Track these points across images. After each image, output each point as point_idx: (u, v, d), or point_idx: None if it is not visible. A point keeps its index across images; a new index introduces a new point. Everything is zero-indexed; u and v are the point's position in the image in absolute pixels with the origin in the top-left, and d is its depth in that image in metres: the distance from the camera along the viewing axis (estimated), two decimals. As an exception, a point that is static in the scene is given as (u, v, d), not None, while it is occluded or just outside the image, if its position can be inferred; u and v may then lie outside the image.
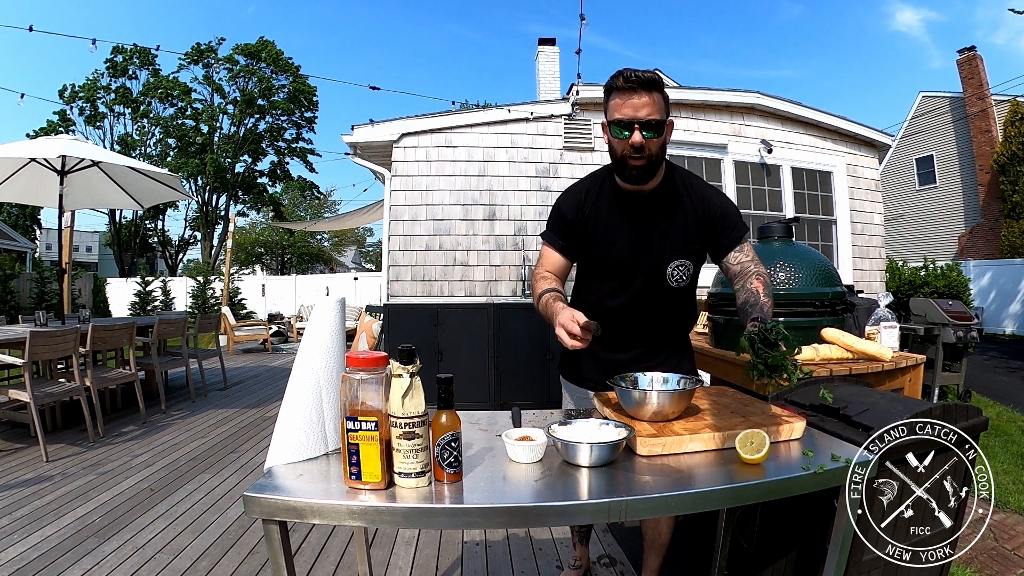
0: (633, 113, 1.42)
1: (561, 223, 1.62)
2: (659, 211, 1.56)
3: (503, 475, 1.09)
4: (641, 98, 1.42)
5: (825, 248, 6.18)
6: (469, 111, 5.92)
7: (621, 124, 1.44)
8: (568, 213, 1.60)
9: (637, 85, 1.41)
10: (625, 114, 1.43)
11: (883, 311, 2.25)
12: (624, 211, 1.57)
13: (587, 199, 1.60)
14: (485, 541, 2.53)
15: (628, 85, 1.41)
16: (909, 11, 76.77)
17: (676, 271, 1.59)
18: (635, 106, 1.42)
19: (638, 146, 1.43)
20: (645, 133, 1.42)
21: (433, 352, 5.11)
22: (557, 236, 1.63)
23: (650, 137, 1.43)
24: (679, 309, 1.69)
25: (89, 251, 40.06)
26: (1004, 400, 5.29)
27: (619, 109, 1.44)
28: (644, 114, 1.42)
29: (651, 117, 1.42)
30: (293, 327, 11.76)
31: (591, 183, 1.63)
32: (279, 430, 1.15)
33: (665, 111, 1.46)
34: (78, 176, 5.25)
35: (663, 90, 1.46)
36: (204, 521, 2.72)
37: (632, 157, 1.45)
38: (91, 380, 4.11)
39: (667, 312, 1.66)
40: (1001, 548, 2.37)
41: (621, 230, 1.57)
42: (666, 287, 1.60)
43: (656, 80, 1.43)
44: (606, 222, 1.58)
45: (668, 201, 1.57)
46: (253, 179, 28.39)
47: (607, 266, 1.61)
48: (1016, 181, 14.07)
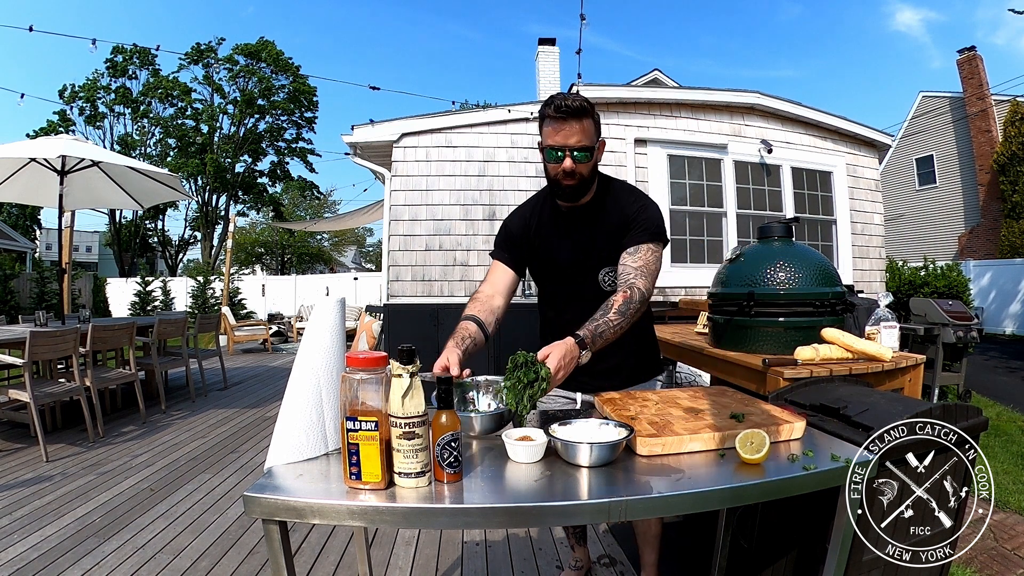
0: (564, 141, 1.51)
1: (508, 239, 1.74)
2: (591, 222, 1.67)
3: (503, 475, 1.09)
4: (572, 126, 1.50)
5: (825, 248, 6.18)
6: (469, 111, 5.92)
7: (554, 149, 1.53)
8: (515, 229, 1.74)
9: (568, 114, 1.49)
10: (557, 141, 1.52)
11: (883, 311, 2.24)
12: (562, 224, 1.69)
13: (532, 215, 1.73)
14: (485, 541, 2.53)
15: (559, 115, 1.49)
16: (909, 11, 76.79)
17: (608, 276, 1.68)
18: (566, 134, 1.51)
19: (569, 170, 1.54)
20: (576, 156, 1.52)
21: (433, 352, 5.08)
22: (504, 251, 1.74)
23: (580, 161, 1.53)
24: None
25: (89, 251, 40.07)
26: (1004, 400, 5.30)
27: (551, 136, 1.53)
28: (574, 141, 1.51)
29: (581, 144, 1.52)
30: (293, 327, 11.76)
31: (535, 202, 1.76)
32: (279, 430, 1.15)
33: (595, 135, 1.56)
34: (78, 176, 5.25)
35: (593, 115, 1.54)
36: (204, 521, 2.72)
37: (564, 179, 1.56)
38: (91, 380, 4.11)
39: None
40: (1001, 548, 2.37)
41: (561, 242, 1.70)
42: (600, 292, 1.68)
43: (585, 108, 1.51)
44: (548, 234, 1.71)
45: (598, 213, 1.67)
46: (253, 179, 28.40)
47: (551, 276, 1.75)
48: (1016, 181, 14.07)
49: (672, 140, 5.81)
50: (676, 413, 1.34)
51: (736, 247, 2.93)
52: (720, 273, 2.42)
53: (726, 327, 2.31)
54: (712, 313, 2.44)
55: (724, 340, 2.33)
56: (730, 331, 2.29)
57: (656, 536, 1.91)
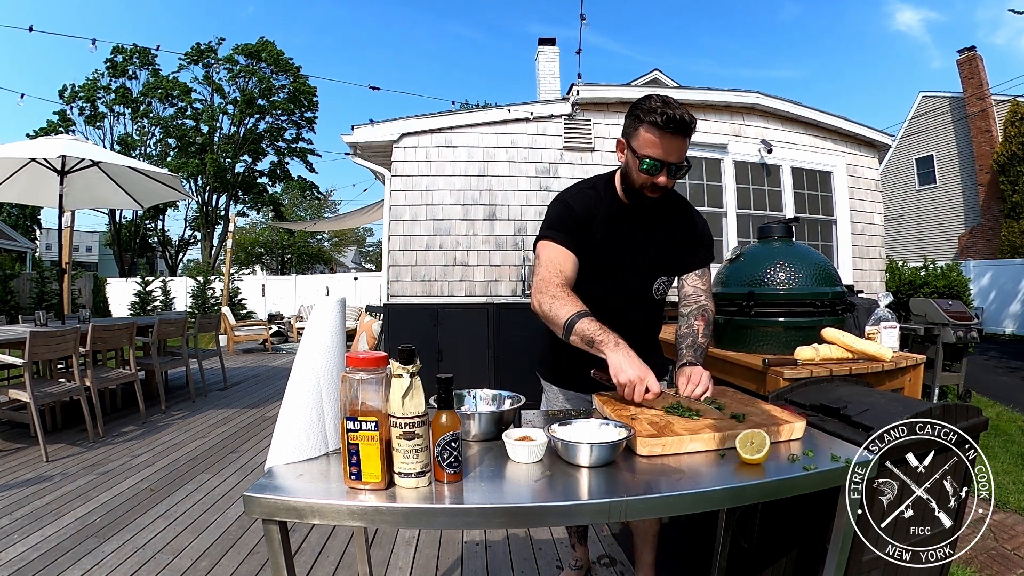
0: (665, 156, 1.44)
1: (571, 221, 1.56)
2: (659, 227, 1.63)
3: (503, 475, 1.09)
4: (678, 142, 1.43)
5: (825, 248, 6.18)
6: (469, 111, 5.92)
7: (653, 160, 1.45)
8: (580, 212, 1.57)
9: (679, 130, 1.41)
10: (658, 155, 1.44)
11: (883, 311, 2.24)
12: (629, 220, 1.61)
13: (597, 204, 1.60)
14: (485, 541, 2.53)
15: (671, 128, 1.40)
16: (909, 11, 76.78)
17: (661, 285, 1.68)
18: (669, 150, 1.43)
19: (662, 185, 1.48)
20: (670, 173, 1.47)
21: (433, 352, 5.11)
22: (566, 234, 1.55)
23: (673, 176, 1.49)
24: (655, 317, 1.77)
25: (89, 251, 40.07)
26: (1004, 400, 5.30)
27: (653, 147, 1.44)
28: (675, 158, 1.45)
29: (680, 161, 1.46)
30: (293, 327, 11.76)
31: (598, 191, 1.63)
32: (279, 430, 1.15)
33: (687, 148, 1.49)
34: (78, 176, 5.25)
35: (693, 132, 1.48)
36: (204, 521, 2.72)
37: (652, 191, 1.50)
38: (91, 380, 4.11)
39: (644, 322, 1.72)
40: (1001, 548, 2.37)
41: (624, 239, 1.61)
42: (651, 299, 1.68)
43: (693, 123, 1.44)
44: (611, 227, 1.60)
45: (668, 220, 1.64)
46: (253, 179, 28.40)
47: (601, 271, 1.61)
48: (1016, 181, 14.07)
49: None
50: (676, 413, 1.33)
51: (736, 247, 2.94)
52: (720, 273, 2.42)
53: (726, 327, 2.31)
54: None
55: (724, 340, 2.33)
56: (730, 331, 2.29)
57: (655, 535, 1.90)
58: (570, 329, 1.40)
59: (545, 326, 1.73)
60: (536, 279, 1.55)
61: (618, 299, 1.63)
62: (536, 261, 1.60)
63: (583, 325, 1.38)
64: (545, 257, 1.55)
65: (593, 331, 1.36)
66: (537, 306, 1.50)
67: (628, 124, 1.51)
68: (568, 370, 1.74)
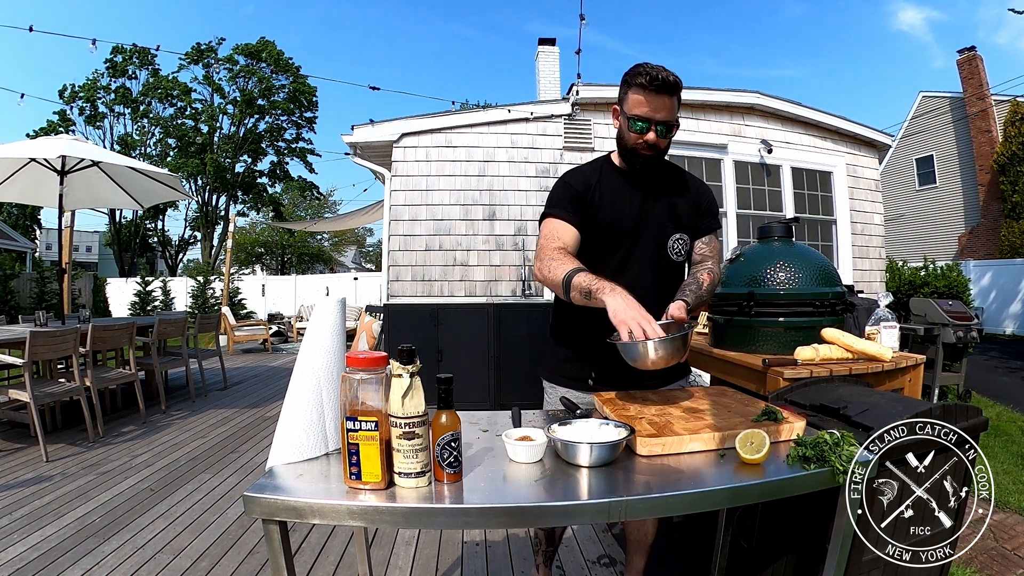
0: (653, 113, 1.50)
1: (570, 197, 1.60)
2: (662, 189, 1.66)
3: (503, 475, 1.09)
4: (663, 100, 1.49)
5: (825, 248, 6.18)
6: (469, 111, 5.92)
7: (641, 120, 1.51)
8: (577, 187, 1.61)
9: (662, 88, 1.48)
10: (646, 112, 1.50)
11: (883, 311, 2.24)
12: (630, 185, 1.64)
13: (592, 173, 1.65)
14: (485, 541, 2.53)
15: (654, 87, 1.47)
16: (912, 10, 76.68)
17: (676, 243, 1.66)
18: (656, 107, 1.50)
19: (652, 143, 1.53)
20: (659, 131, 1.52)
21: (433, 352, 5.11)
22: (567, 210, 1.59)
23: (662, 135, 1.53)
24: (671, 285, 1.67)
25: (89, 251, 40.07)
26: (1004, 400, 5.30)
27: (640, 106, 1.50)
28: (662, 116, 1.51)
29: (667, 119, 1.52)
30: (293, 327, 11.76)
31: (593, 166, 1.69)
32: (280, 430, 1.15)
33: (677, 110, 1.55)
34: (78, 176, 5.25)
35: (680, 93, 1.53)
36: (204, 521, 2.72)
37: (643, 149, 1.55)
38: (91, 380, 4.11)
39: (665, 287, 1.63)
40: (1001, 548, 2.37)
41: (628, 200, 1.63)
42: (667, 259, 1.66)
43: (678, 84, 1.51)
44: (613, 193, 1.63)
45: (669, 182, 1.68)
46: (253, 179, 28.39)
47: (613, 236, 1.62)
48: (1016, 181, 14.07)
49: (672, 140, 5.81)
50: (676, 413, 1.34)
51: (736, 247, 2.94)
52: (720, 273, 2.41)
53: (726, 327, 2.31)
54: (712, 313, 2.44)
55: (724, 340, 2.33)
56: (730, 331, 2.29)
57: (650, 545, 1.87)
58: (568, 285, 1.41)
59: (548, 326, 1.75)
60: (536, 252, 1.60)
61: (637, 262, 1.63)
62: (538, 238, 1.65)
63: (580, 279, 1.39)
64: (545, 231, 1.61)
65: (589, 281, 1.37)
66: (538, 273, 1.55)
67: (620, 91, 1.57)
68: (570, 369, 1.73)
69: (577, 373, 1.70)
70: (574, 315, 1.61)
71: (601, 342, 1.46)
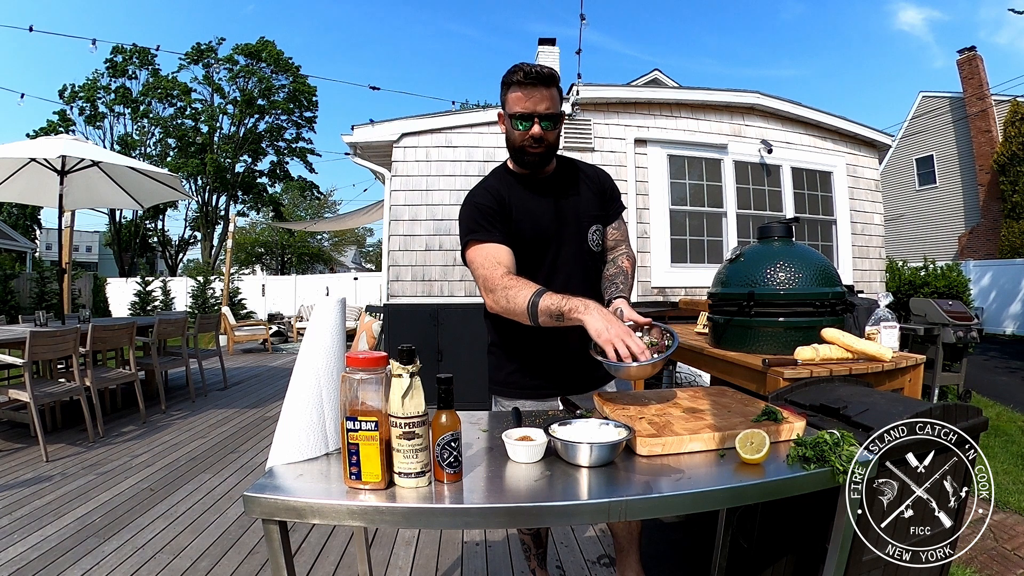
0: (533, 107, 1.50)
1: (489, 216, 1.55)
2: (565, 186, 1.67)
3: (503, 475, 1.09)
4: (540, 92, 1.49)
5: (825, 248, 6.18)
6: (469, 111, 5.92)
7: (521, 117, 1.51)
8: (492, 204, 1.57)
9: (537, 81, 1.48)
10: (526, 108, 1.50)
11: (883, 311, 2.24)
12: (537, 191, 1.64)
13: (500, 185, 1.62)
14: (485, 541, 2.53)
15: (528, 81, 1.48)
16: (912, 10, 76.71)
17: (595, 235, 1.69)
18: (535, 101, 1.49)
19: (538, 137, 1.52)
20: (544, 125, 1.51)
21: (433, 352, 5.11)
22: (493, 231, 1.53)
23: (548, 129, 1.53)
24: (597, 278, 1.73)
25: (89, 251, 40.09)
26: (1004, 400, 5.30)
27: (519, 103, 1.50)
28: (543, 108, 1.50)
29: (549, 111, 1.51)
30: (293, 327, 11.76)
31: (497, 178, 1.66)
32: (280, 430, 1.15)
33: (560, 103, 1.55)
34: (78, 176, 5.25)
35: (559, 84, 1.54)
36: (204, 521, 2.72)
37: (531, 147, 1.54)
38: (91, 380, 4.11)
39: (595, 281, 1.72)
40: (1001, 548, 2.37)
41: (540, 205, 1.63)
42: (590, 253, 1.68)
43: (554, 75, 1.51)
44: (525, 201, 1.61)
45: (569, 178, 1.69)
46: (253, 179, 28.41)
47: (538, 244, 1.61)
48: (1016, 181, 14.07)
49: (672, 140, 5.80)
50: (676, 413, 1.34)
51: (736, 247, 2.93)
52: (720, 273, 2.41)
53: (726, 327, 2.31)
54: (712, 313, 2.44)
55: (724, 340, 2.33)
56: (730, 331, 2.29)
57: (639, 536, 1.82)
58: (535, 310, 1.37)
59: (488, 342, 1.75)
60: (480, 283, 1.53)
61: (565, 265, 1.64)
62: (472, 270, 1.58)
63: (546, 302, 1.36)
64: (479, 259, 1.53)
65: (557, 303, 1.35)
66: (495, 305, 1.47)
67: (501, 95, 1.57)
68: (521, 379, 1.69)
69: (530, 382, 1.69)
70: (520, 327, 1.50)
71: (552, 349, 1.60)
